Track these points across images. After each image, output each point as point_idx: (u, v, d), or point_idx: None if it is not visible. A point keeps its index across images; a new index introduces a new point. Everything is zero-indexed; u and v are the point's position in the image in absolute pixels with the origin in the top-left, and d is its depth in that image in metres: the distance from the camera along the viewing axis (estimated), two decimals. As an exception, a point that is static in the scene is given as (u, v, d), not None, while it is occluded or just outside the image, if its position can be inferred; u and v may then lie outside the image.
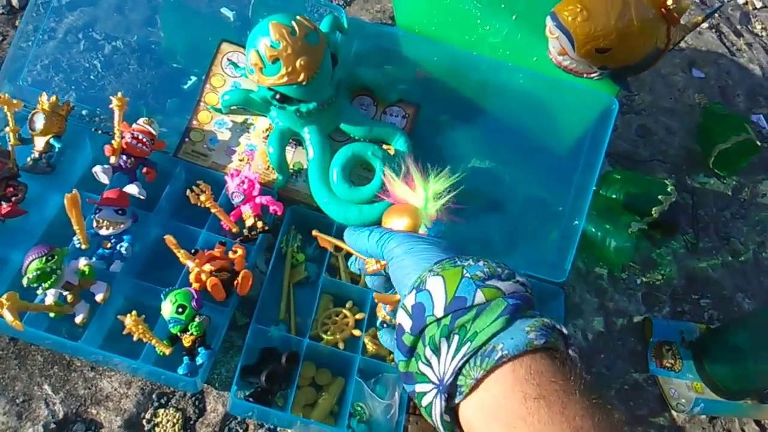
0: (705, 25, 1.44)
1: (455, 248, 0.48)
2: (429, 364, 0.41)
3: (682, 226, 1.10)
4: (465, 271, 0.42)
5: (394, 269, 0.48)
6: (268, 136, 0.87)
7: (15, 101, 0.81)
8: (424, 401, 0.41)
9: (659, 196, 0.98)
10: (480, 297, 0.40)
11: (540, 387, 0.36)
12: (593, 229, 0.97)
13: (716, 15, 1.48)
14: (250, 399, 0.74)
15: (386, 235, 0.50)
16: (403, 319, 0.43)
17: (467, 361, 0.39)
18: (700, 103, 1.28)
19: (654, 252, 1.06)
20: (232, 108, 0.88)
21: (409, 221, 0.54)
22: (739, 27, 1.48)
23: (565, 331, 0.40)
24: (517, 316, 0.40)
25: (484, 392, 0.38)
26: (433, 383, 0.41)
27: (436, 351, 0.40)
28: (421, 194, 0.55)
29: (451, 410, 0.40)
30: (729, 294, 1.05)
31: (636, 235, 0.96)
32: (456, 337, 0.40)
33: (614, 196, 1.02)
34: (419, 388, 0.42)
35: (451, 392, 0.40)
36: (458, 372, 0.39)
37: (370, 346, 0.80)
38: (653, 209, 0.98)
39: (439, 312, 0.41)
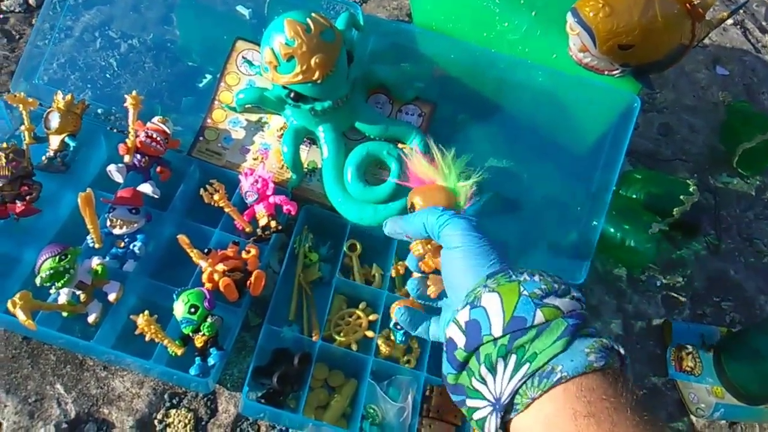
0: (729, 21, 1.40)
1: (502, 249, 0.48)
2: (484, 382, 0.41)
3: (704, 227, 1.08)
4: (522, 288, 0.42)
5: (447, 260, 0.48)
6: (282, 134, 0.86)
7: (31, 100, 0.81)
8: (476, 416, 0.42)
9: (681, 197, 0.96)
10: (540, 317, 0.40)
11: (591, 405, 0.37)
12: (612, 230, 0.95)
13: (741, 11, 1.44)
14: (262, 400, 0.74)
15: (449, 218, 0.49)
16: (456, 335, 0.43)
17: (525, 382, 0.39)
18: (724, 101, 1.25)
19: (675, 253, 1.04)
20: (246, 106, 0.87)
21: (444, 202, 0.54)
22: (764, 23, 1.44)
23: (621, 351, 0.40)
24: (576, 335, 0.40)
25: (537, 410, 0.39)
26: (489, 401, 0.41)
27: (492, 370, 0.40)
28: (448, 173, 0.55)
29: (503, 424, 0.41)
30: (751, 296, 1.02)
31: (657, 237, 0.93)
32: (514, 357, 0.40)
33: (635, 196, 0.99)
34: (471, 403, 0.42)
35: (506, 409, 0.40)
36: (515, 392, 0.39)
37: (383, 348, 0.79)
38: (675, 210, 0.95)
39: (497, 331, 0.40)
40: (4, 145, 0.77)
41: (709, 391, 0.90)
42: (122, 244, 0.78)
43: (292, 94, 0.79)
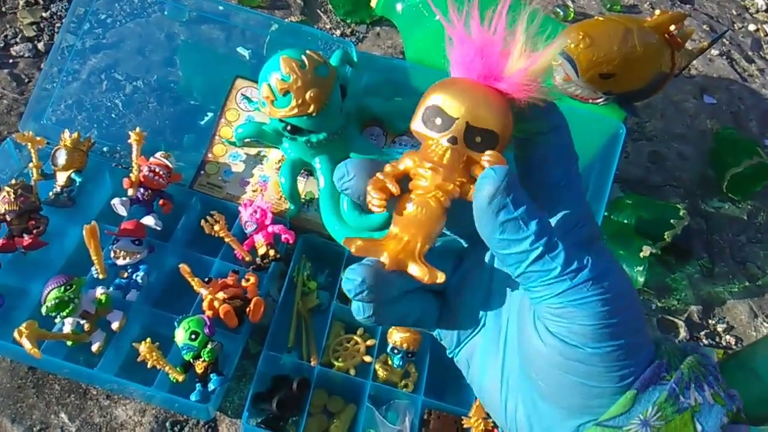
0: (715, 52, 1.45)
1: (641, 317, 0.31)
2: None
3: (697, 251, 1.09)
4: (698, 424, 0.29)
5: (547, 362, 0.30)
6: (280, 167, 0.90)
7: (39, 139, 0.85)
8: None
9: (672, 221, 0.98)
10: None
11: None
12: (605, 255, 0.97)
13: (727, 42, 1.49)
14: (262, 426, 0.75)
15: (581, 265, 0.28)
16: None
17: None
18: (712, 129, 1.29)
19: (669, 277, 1.05)
20: (245, 140, 0.90)
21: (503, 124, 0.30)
22: (750, 53, 1.48)
23: None
24: None
25: None
26: None
27: None
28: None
29: None
30: (746, 319, 1.03)
31: (648, 260, 0.95)
32: None
33: (626, 221, 1.02)
34: None
35: None
36: None
37: (381, 373, 0.80)
38: (666, 234, 0.97)
39: None
40: (13, 181, 0.80)
41: (707, 412, 0.90)
42: (125, 275, 0.80)
43: (288, 127, 0.82)
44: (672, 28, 0.85)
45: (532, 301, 0.29)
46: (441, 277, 0.29)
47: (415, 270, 0.29)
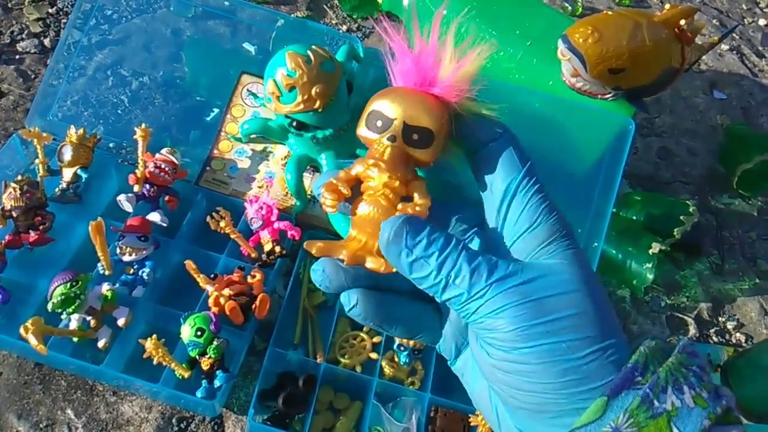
0: (725, 47, 1.43)
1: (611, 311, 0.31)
2: None
3: (707, 248, 1.08)
4: (675, 429, 0.28)
5: (496, 369, 0.31)
6: (286, 163, 0.89)
7: (45, 135, 0.85)
8: None
9: (681, 217, 0.97)
10: None
11: None
12: (614, 251, 0.96)
13: (737, 37, 1.47)
14: (268, 423, 0.75)
15: (500, 278, 0.29)
16: None
17: None
18: (722, 125, 1.27)
19: (678, 274, 1.04)
20: (251, 137, 0.90)
21: (449, 128, 0.33)
22: (761, 48, 1.47)
23: None
24: None
25: None
26: None
27: None
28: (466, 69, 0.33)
29: None
30: (756, 316, 1.02)
31: (658, 257, 0.94)
32: None
33: (634, 218, 1.01)
34: None
35: None
36: None
37: (387, 370, 0.80)
38: (675, 230, 0.96)
39: None
40: (20, 177, 0.80)
41: (717, 410, 0.90)
42: (131, 271, 0.80)
43: (294, 123, 0.82)
44: (682, 22, 0.84)
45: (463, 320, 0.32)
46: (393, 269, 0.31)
47: (372, 263, 0.31)
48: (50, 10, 1.13)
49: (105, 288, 0.76)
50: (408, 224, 0.30)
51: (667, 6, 0.87)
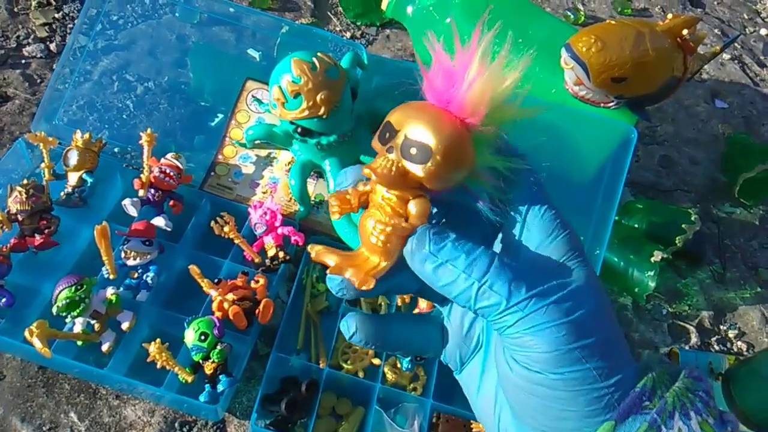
0: (727, 56, 1.44)
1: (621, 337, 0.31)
2: None
3: (709, 256, 1.09)
4: None
5: (522, 392, 0.30)
6: (290, 168, 0.90)
7: (51, 139, 0.85)
8: None
9: (683, 225, 0.97)
10: None
11: None
12: (616, 259, 0.97)
13: (738, 46, 1.48)
14: (271, 427, 0.75)
15: (531, 298, 0.28)
16: None
17: None
18: (724, 134, 1.28)
19: (680, 282, 1.04)
20: (256, 142, 0.91)
21: (469, 155, 0.31)
22: (762, 58, 1.48)
23: None
24: None
25: None
26: None
27: None
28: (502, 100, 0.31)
29: None
30: (758, 324, 1.02)
31: (660, 265, 0.94)
32: None
33: (636, 226, 1.01)
34: None
35: None
36: None
37: (389, 375, 0.80)
38: (677, 238, 0.97)
39: None
40: (25, 181, 0.80)
41: (718, 419, 0.90)
42: (136, 275, 0.80)
43: (299, 129, 0.82)
44: (684, 32, 0.84)
45: (496, 332, 0.30)
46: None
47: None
48: (56, 15, 1.14)
49: (109, 292, 0.76)
50: (430, 230, 0.30)
51: (670, 16, 0.88)
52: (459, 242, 0.29)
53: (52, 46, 1.10)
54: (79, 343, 0.75)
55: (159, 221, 0.83)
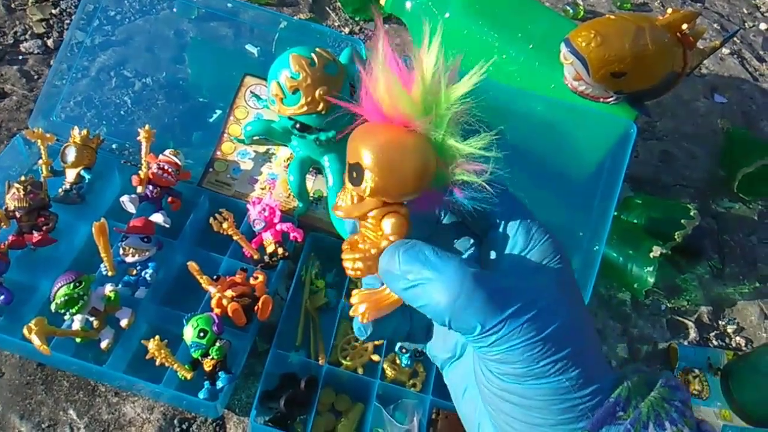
0: (726, 51, 1.44)
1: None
2: None
3: (708, 252, 1.09)
4: None
5: (501, 403, 0.30)
6: (288, 165, 0.89)
7: (48, 135, 0.85)
8: None
9: (682, 221, 0.97)
10: None
11: None
12: (615, 255, 0.97)
13: (738, 41, 1.47)
14: (270, 424, 0.75)
15: (504, 321, 0.28)
16: None
17: None
18: (723, 128, 1.28)
19: (679, 277, 1.04)
20: (254, 138, 0.90)
21: (411, 160, 0.30)
22: (761, 53, 1.47)
23: None
24: None
25: None
26: None
27: None
28: (430, 94, 0.30)
29: None
30: (756, 320, 1.03)
31: (659, 260, 0.94)
32: None
33: (636, 221, 1.01)
34: None
35: None
36: None
37: (389, 372, 0.80)
38: (676, 234, 0.97)
39: None
40: (23, 178, 0.80)
41: (717, 414, 0.90)
42: (134, 272, 0.80)
43: (297, 125, 0.82)
44: (684, 26, 0.84)
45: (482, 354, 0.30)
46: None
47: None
48: (53, 11, 1.13)
49: (108, 289, 0.76)
50: (400, 248, 0.29)
51: (669, 10, 0.87)
52: (431, 260, 0.29)
53: (50, 42, 1.09)
54: (78, 340, 0.75)
55: (157, 218, 0.83)
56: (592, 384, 0.29)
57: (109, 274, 0.78)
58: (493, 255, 0.32)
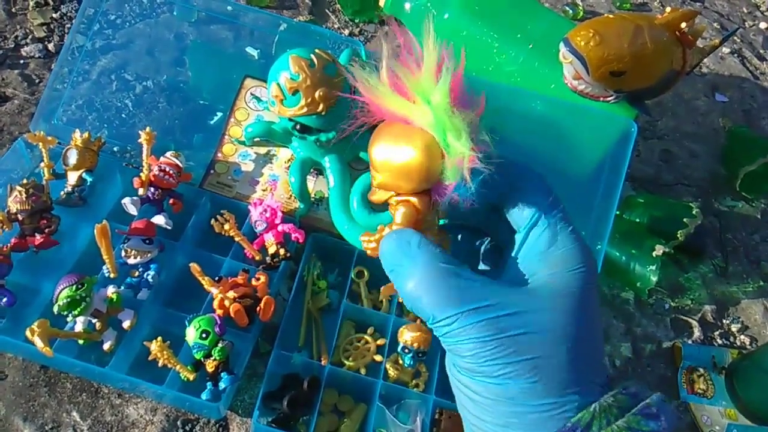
0: (726, 50, 1.44)
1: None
2: None
3: (710, 250, 1.09)
4: None
5: (473, 400, 0.30)
6: (289, 166, 0.89)
7: (50, 138, 0.85)
8: None
9: (684, 219, 0.97)
10: None
11: None
12: (617, 254, 0.96)
13: (738, 40, 1.47)
14: (273, 425, 0.75)
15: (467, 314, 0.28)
16: None
17: None
18: (724, 127, 1.28)
19: (682, 276, 1.04)
20: (255, 140, 0.91)
21: (418, 158, 0.31)
22: (762, 51, 1.47)
23: None
24: None
25: None
26: None
27: None
28: (434, 99, 0.31)
29: None
30: (761, 318, 1.02)
31: (661, 259, 0.94)
32: None
33: (638, 220, 1.01)
34: None
35: None
36: None
37: (391, 372, 0.80)
38: (679, 232, 0.96)
39: None
40: (25, 181, 0.80)
41: (722, 413, 0.90)
42: (136, 274, 0.80)
43: (298, 126, 0.82)
44: (683, 25, 0.84)
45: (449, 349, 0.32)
46: None
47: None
48: (54, 15, 1.14)
49: (110, 291, 0.76)
50: (392, 235, 0.33)
51: (668, 9, 0.87)
52: (411, 251, 0.31)
53: (51, 46, 1.10)
54: (81, 342, 0.75)
55: (159, 219, 0.83)
56: (550, 396, 0.28)
57: (112, 275, 0.78)
58: (514, 251, 0.33)
